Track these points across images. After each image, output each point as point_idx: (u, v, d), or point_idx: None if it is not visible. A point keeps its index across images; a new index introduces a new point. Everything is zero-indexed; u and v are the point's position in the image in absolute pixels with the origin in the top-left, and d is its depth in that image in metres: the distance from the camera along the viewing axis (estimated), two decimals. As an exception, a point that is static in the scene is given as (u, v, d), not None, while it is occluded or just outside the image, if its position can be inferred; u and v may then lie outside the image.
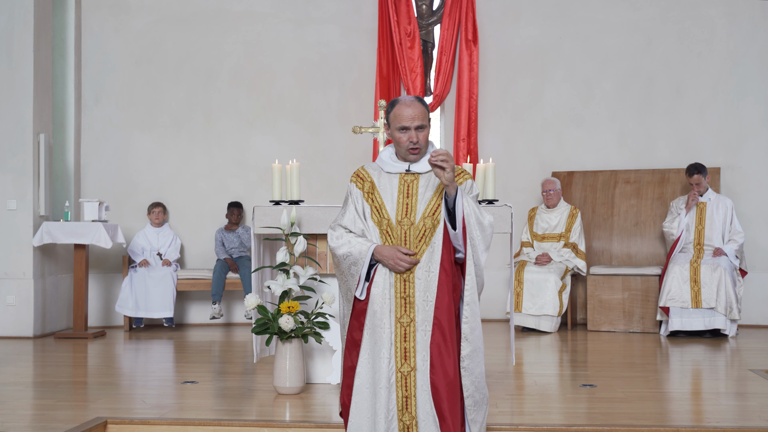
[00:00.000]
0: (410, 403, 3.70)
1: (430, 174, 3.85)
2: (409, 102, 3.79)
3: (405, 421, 3.70)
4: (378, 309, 3.76)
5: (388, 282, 3.77)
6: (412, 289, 3.75)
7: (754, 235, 9.09)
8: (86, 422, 4.69)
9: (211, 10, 9.73)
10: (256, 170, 9.55)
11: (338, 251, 3.83)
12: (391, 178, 3.87)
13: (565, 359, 7.36)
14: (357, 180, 3.95)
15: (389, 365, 3.73)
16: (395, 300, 3.76)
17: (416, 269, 3.75)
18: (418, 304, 3.74)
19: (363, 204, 3.89)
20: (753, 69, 9.32)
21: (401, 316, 3.74)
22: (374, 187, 3.88)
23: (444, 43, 9.64)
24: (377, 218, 3.83)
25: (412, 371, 3.71)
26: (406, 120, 3.76)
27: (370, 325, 3.77)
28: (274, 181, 6.06)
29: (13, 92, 8.52)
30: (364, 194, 3.89)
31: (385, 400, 3.72)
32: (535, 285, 8.57)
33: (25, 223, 8.50)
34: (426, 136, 3.82)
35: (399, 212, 3.81)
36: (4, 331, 8.45)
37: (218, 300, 9.04)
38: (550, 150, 9.65)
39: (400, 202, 3.82)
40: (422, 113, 3.78)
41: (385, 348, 3.73)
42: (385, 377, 3.72)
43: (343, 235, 3.84)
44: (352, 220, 3.89)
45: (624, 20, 9.57)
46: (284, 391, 5.49)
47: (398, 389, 3.72)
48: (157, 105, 9.69)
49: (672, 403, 5.40)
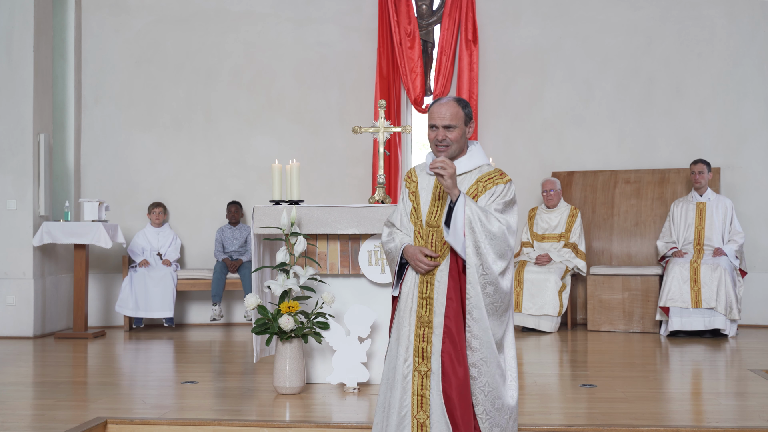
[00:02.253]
0: (425, 402, 3.72)
1: (464, 177, 3.83)
2: (442, 102, 3.82)
3: (419, 419, 3.72)
4: (403, 307, 3.83)
5: (414, 282, 3.81)
6: (432, 291, 3.77)
7: (754, 235, 9.09)
8: (86, 422, 4.69)
9: (211, 10, 9.73)
10: (256, 170, 9.55)
11: (385, 247, 3.92)
12: (430, 179, 3.90)
13: (565, 359, 7.36)
14: (407, 179, 3.99)
15: (405, 363, 3.76)
16: (417, 300, 3.79)
17: (437, 272, 3.76)
18: (437, 306, 3.75)
19: (408, 203, 3.94)
20: (753, 69, 9.32)
21: (422, 316, 3.77)
22: (417, 187, 3.92)
23: (444, 43, 9.63)
24: (414, 218, 3.89)
25: (428, 371, 3.73)
26: (436, 118, 3.79)
27: (397, 321, 3.85)
28: (274, 181, 6.06)
29: (13, 92, 8.52)
30: (409, 194, 3.94)
31: (399, 396, 3.76)
32: (535, 285, 8.57)
33: (25, 223, 8.51)
34: (457, 136, 3.78)
35: (431, 214, 3.83)
36: (4, 331, 8.45)
37: (218, 301, 9.04)
38: (550, 150, 9.65)
39: (433, 204, 3.84)
40: (453, 113, 3.77)
41: (403, 346, 3.78)
42: (400, 374, 3.76)
43: (392, 232, 3.92)
44: (399, 218, 3.95)
45: (624, 20, 9.57)
46: (284, 391, 5.49)
47: (414, 387, 3.74)
48: (157, 105, 9.69)
49: (672, 403, 5.40)
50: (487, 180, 3.80)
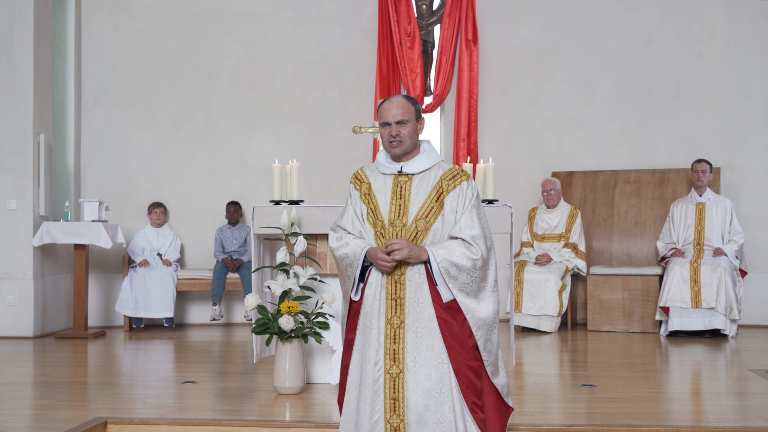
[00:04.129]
0: (398, 405, 3.67)
1: (423, 175, 3.83)
2: (392, 100, 3.83)
3: (393, 423, 3.67)
4: (369, 310, 3.77)
5: (380, 283, 3.77)
6: (403, 291, 3.73)
7: (754, 235, 9.09)
8: (86, 422, 4.69)
9: (211, 10, 9.73)
10: (256, 170, 9.55)
11: (337, 252, 3.85)
12: (386, 179, 3.87)
13: (565, 359, 7.36)
14: (355, 181, 3.95)
15: (375, 367, 3.71)
16: (386, 301, 3.74)
17: (407, 271, 3.73)
18: (409, 305, 3.72)
19: (360, 205, 3.89)
20: (753, 69, 9.32)
21: (392, 317, 3.73)
22: (371, 189, 3.88)
23: (444, 43, 9.64)
24: (372, 219, 3.83)
25: (401, 373, 3.68)
26: (387, 115, 3.78)
27: (362, 325, 3.79)
28: (274, 181, 6.06)
29: (13, 92, 8.52)
30: (361, 195, 3.89)
31: (370, 401, 3.70)
32: (535, 285, 8.57)
33: (25, 223, 8.51)
34: (410, 131, 3.79)
35: (392, 213, 3.80)
36: (4, 331, 8.45)
37: (218, 301, 9.04)
38: (550, 150, 9.65)
39: (393, 203, 3.81)
40: (404, 108, 3.78)
41: (372, 349, 3.73)
42: (370, 378, 3.71)
43: (342, 237, 3.86)
44: (351, 221, 3.89)
45: (624, 20, 9.58)
46: (284, 391, 5.49)
47: (386, 390, 3.68)
48: (157, 105, 9.69)
49: (672, 403, 5.40)
50: (450, 178, 3.81)
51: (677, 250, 8.53)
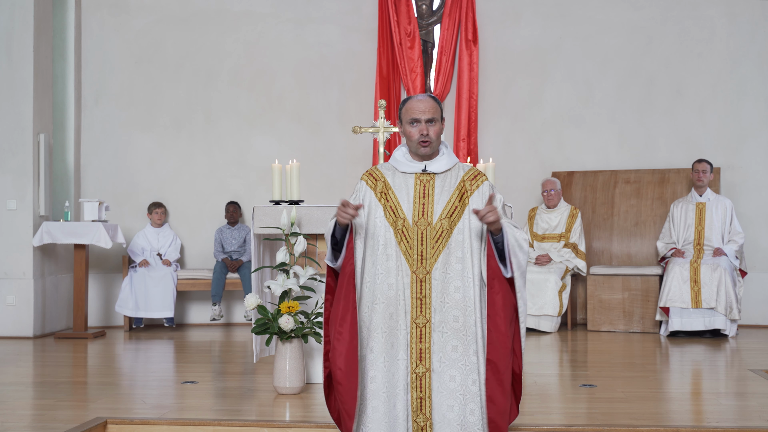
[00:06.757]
0: (425, 404, 3.67)
1: (446, 174, 3.80)
2: (420, 97, 3.78)
3: (419, 423, 3.66)
4: (393, 312, 3.71)
5: (402, 283, 3.72)
6: (429, 290, 3.71)
7: (754, 235, 9.09)
8: (86, 422, 4.69)
9: (211, 10, 9.73)
10: (256, 170, 9.55)
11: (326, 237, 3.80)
12: (407, 177, 3.81)
13: (565, 359, 7.36)
14: (369, 179, 3.85)
15: (406, 367, 3.68)
16: (411, 301, 3.71)
17: (433, 270, 3.71)
18: (435, 305, 3.71)
19: (374, 204, 3.80)
20: (753, 69, 9.32)
21: (417, 317, 3.71)
22: (388, 187, 3.80)
23: (444, 43, 9.63)
24: (392, 218, 3.76)
25: (427, 372, 3.68)
26: (417, 113, 3.72)
27: (386, 327, 3.71)
28: (274, 181, 6.06)
29: (13, 92, 8.52)
30: (376, 194, 3.81)
31: (404, 403, 3.67)
32: (535, 285, 8.57)
33: (25, 223, 8.51)
34: (437, 132, 3.75)
35: (415, 212, 3.75)
36: (4, 331, 8.45)
37: (218, 301, 9.04)
38: (550, 150, 9.65)
39: (417, 202, 3.76)
40: (433, 108, 3.74)
41: (402, 350, 3.69)
42: (402, 380, 3.68)
43: (328, 222, 3.81)
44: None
45: (624, 20, 9.57)
46: (284, 391, 5.49)
47: (413, 390, 3.67)
48: (157, 105, 9.69)
49: (672, 403, 5.40)
50: (472, 179, 3.79)
51: (677, 250, 8.54)
